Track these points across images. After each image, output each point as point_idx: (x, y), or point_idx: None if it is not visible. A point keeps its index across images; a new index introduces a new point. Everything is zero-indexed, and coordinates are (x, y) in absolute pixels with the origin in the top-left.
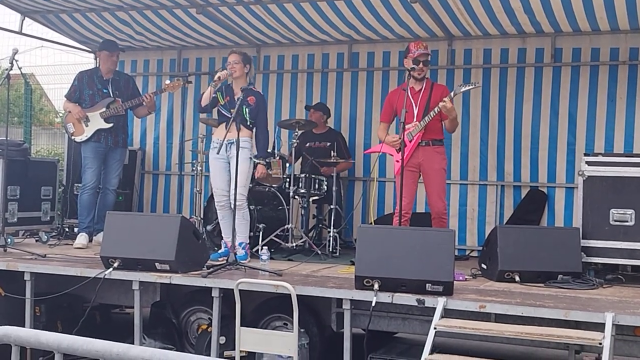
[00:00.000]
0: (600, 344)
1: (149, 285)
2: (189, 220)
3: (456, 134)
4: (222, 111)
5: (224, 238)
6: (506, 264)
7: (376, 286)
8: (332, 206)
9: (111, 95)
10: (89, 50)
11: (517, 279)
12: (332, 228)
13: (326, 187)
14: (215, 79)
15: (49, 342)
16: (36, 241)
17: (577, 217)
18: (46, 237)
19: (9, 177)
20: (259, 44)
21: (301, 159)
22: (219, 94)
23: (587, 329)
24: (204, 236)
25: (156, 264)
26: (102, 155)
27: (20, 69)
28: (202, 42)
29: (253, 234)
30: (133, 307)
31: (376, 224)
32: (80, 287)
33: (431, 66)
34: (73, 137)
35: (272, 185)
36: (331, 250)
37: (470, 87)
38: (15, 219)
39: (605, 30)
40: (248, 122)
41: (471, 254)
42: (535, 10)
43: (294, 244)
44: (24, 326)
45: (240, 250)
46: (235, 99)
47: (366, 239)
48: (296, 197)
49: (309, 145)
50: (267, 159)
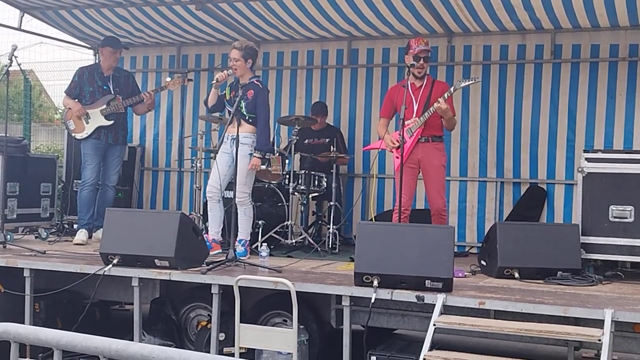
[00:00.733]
0: (600, 340)
1: (148, 282)
2: (188, 216)
3: (456, 130)
4: (227, 106)
5: (208, 230)
6: (505, 261)
7: (375, 283)
8: (331, 203)
9: (112, 92)
10: (88, 46)
11: (517, 275)
12: (331, 225)
13: (326, 184)
14: (214, 82)
15: (48, 338)
16: (35, 238)
17: (576, 214)
18: (45, 233)
19: (8, 173)
20: (258, 40)
21: (300, 155)
22: (227, 90)
23: (586, 325)
24: (203, 233)
25: (155, 260)
26: (101, 152)
27: (19, 65)
28: (201, 38)
29: (252, 230)
30: (132, 304)
31: (376, 220)
32: (79, 283)
33: (431, 63)
34: (74, 134)
35: (272, 181)
36: (331, 246)
37: (470, 82)
38: (15, 216)
39: (605, 27)
40: (247, 116)
41: (470, 251)
42: (535, 7)
43: (293, 240)
44: (23, 323)
45: (240, 247)
46: (239, 93)
47: (365, 235)
48: (296, 193)
49: (307, 141)
50: (266, 155)
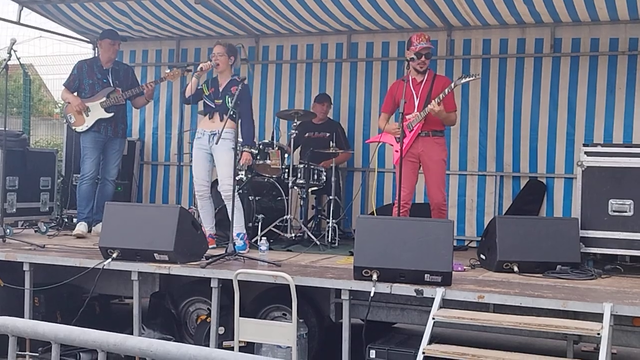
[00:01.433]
0: (599, 334)
1: (147, 276)
2: (187, 210)
3: (455, 125)
4: (207, 102)
5: (202, 227)
6: (505, 255)
7: (375, 276)
8: (331, 197)
9: (111, 84)
10: (88, 40)
11: (516, 269)
12: (331, 219)
13: (325, 178)
14: (198, 70)
15: (45, 332)
16: (35, 232)
17: (576, 208)
18: (45, 227)
19: (7, 167)
20: (258, 34)
21: (300, 149)
22: (204, 86)
23: (586, 319)
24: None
25: (155, 254)
26: (101, 146)
27: (18, 59)
28: (200, 32)
29: (252, 224)
30: (132, 298)
31: (377, 214)
32: (79, 277)
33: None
34: (74, 128)
35: (271, 175)
36: (330, 240)
37: (470, 79)
38: (14, 210)
39: (604, 21)
40: (230, 111)
41: (470, 245)
42: (535, 1)
43: (292, 234)
44: (23, 317)
45: (238, 241)
46: (219, 90)
47: (365, 229)
48: (295, 187)
49: (308, 135)
50: (266, 148)
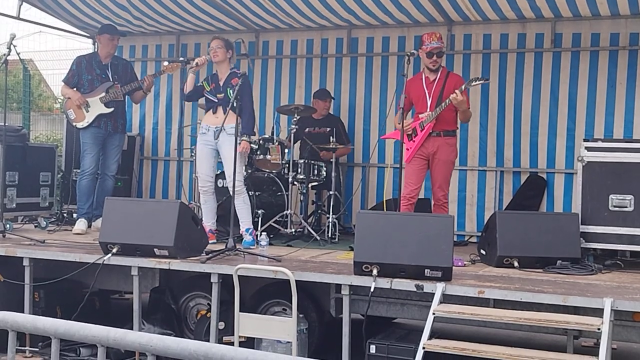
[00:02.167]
0: (599, 329)
1: (147, 271)
2: (187, 206)
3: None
4: (209, 97)
5: (203, 222)
6: (505, 250)
7: (375, 272)
8: (331, 192)
9: (110, 80)
10: (87, 35)
11: (516, 264)
12: (331, 214)
13: (325, 173)
14: (194, 66)
15: (45, 327)
16: (35, 227)
17: (576, 203)
18: (45, 222)
19: (7, 163)
20: (258, 29)
21: (300, 144)
22: (204, 83)
23: (586, 314)
24: (202, 222)
25: (155, 249)
26: (100, 141)
27: (18, 54)
28: (200, 27)
29: (252, 219)
30: (132, 293)
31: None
32: (79, 272)
33: None
34: (74, 124)
35: (271, 171)
36: (330, 236)
37: (482, 82)
38: (14, 205)
39: (605, 15)
40: (232, 102)
41: (470, 240)
42: None
43: (293, 229)
44: (23, 312)
45: (247, 236)
46: (220, 84)
47: (365, 224)
48: (295, 183)
49: (308, 130)
50: (266, 143)
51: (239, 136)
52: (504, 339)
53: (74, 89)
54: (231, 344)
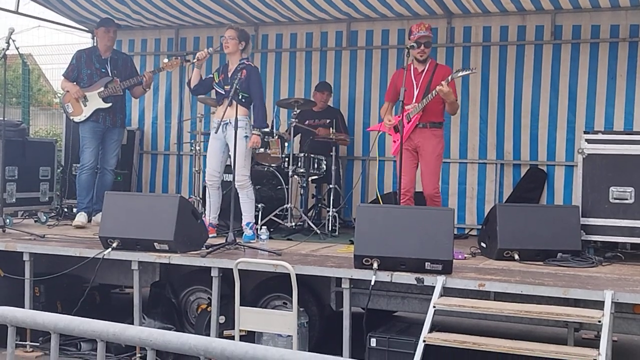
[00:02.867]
0: (600, 321)
1: (148, 265)
2: (187, 200)
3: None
4: (217, 89)
5: (205, 216)
6: (505, 243)
7: (375, 265)
8: (331, 185)
9: (109, 74)
10: (86, 30)
11: (517, 257)
12: (331, 207)
13: (325, 167)
14: (196, 60)
15: (45, 322)
16: (35, 222)
17: (576, 195)
18: (45, 217)
19: (6, 157)
20: (257, 22)
21: (300, 137)
22: (215, 74)
23: (587, 306)
24: (203, 216)
25: (155, 244)
26: (100, 135)
27: (17, 48)
28: (199, 21)
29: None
30: (132, 287)
31: (382, 201)
32: (79, 267)
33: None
34: (72, 118)
35: (271, 164)
36: (330, 229)
37: (468, 72)
38: (14, 200)
39: (605, 7)
40: (240, 96)
41: (470, 233)
42: None
43: (293, 223)
44: (23, 307)
45: (247, 230)
46: (229, 75)
47: (365, 218)
48: (295, 176)
49: (308, 123)
50: (265, 137)
51: (250, 130)
52: (505, 331)
53: (74, 82)
54: (232, 338)
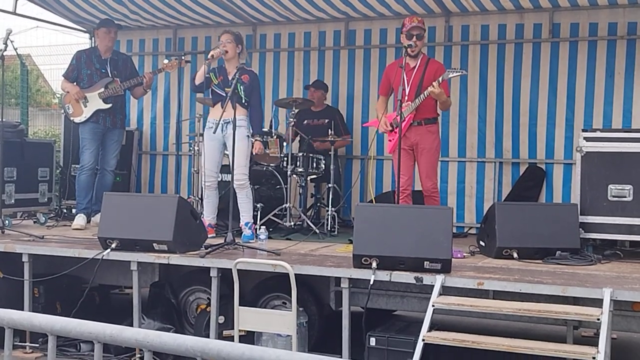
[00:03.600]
0: (599, 319)
1: (147, 266)
2: (186, 200)
3: (454, 111)
4: (217, 90)
5: (203, 217)
6: (504, 241)
7: (374, 264)
8: (330, 185)
9: (109, 75)
10: (84, 30)
11: (515, 255)
12: (330, 207)
13: (324, 166)
14: (209, 57)
15: (42, 324)
16: (34, 222)
17: (575, 193)
18: (44, 218)
19: (5, 158)
20: (255, 22)
21: (299, 137)
22: (212, 74)
23: (585, 304)
24: (202, 216)
25: (154, 244)
26: (99, 136)
27: (15, 49)
28: (197, 21)
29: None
30: (132, 288)
31: (376, 201)
32: (78, 268)
33: (428, 43)
34: (72, 118)
35: (270, 164)
36: (329, 229)
37: (458, 74)
38: (13, 201)
39: (603, 5)
40: (243, 99)
41: (469, 231)
42: None
43: (292, 223)
44: (22, 308)
45: (246, 230)
46: (228, 78)
47: (364, 217)
48: (294, 176)
49: (306, 122)
50: (264, 137)
51: (251, 136)
52: (504, 330)
53: (74, 83)
54: (231, 337)
